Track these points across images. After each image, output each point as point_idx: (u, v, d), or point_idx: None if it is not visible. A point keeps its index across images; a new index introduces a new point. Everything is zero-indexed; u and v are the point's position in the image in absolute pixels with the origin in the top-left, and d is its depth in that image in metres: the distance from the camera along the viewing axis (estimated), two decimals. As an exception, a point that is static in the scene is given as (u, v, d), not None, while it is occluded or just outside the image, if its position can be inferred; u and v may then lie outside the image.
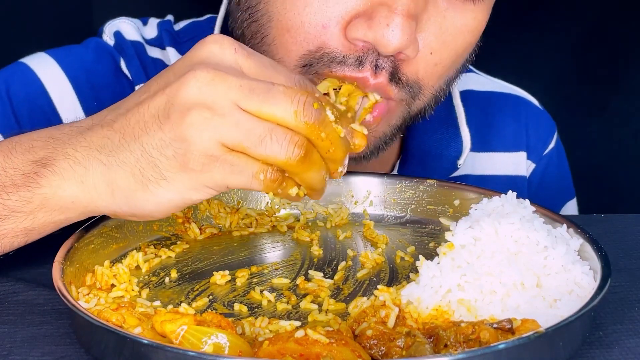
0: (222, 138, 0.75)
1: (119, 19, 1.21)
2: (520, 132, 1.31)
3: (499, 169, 1.28)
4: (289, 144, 0.75)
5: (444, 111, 1.20)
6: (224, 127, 0.74)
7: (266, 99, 0.75)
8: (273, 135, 0.75)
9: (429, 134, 1.19)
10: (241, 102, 0.75)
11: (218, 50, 0.78)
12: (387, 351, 0.72)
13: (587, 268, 0.80)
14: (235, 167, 0.76)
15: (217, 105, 0.74)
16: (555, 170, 1.36)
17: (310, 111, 0.76)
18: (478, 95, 1.30)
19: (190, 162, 0.76)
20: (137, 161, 0.77)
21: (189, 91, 0.75)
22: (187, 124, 0.75)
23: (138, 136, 0.77)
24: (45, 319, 0.82)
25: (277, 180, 0.77)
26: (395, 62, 0.94)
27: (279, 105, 0.75)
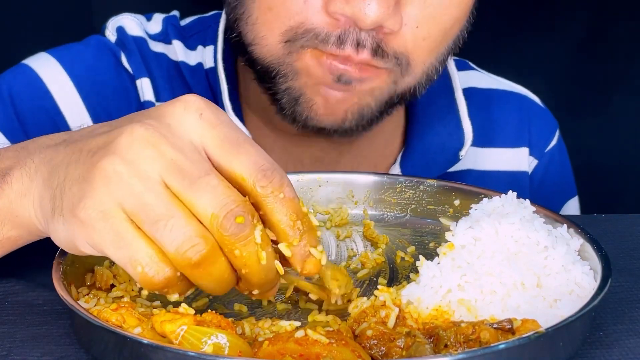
0: (122, 200, 0.67)
1: (122, 15, 1.22)
2: (523, 128, 1.32)
3: (501, 164, 1.29)
4: (185, 241, 0.66)
5: (445, 104, 1.21)
6: (130, 190, 0.67)
7: (190, 186, 0.67)
8: (172, 221, 0.66)
9: (431, 126, 1.20)
10: (165, 176, 0.67)
11: (180, 111, 0.71)
12: (387, 351, 0.71)
13: (588, 268, 0.80)
14: (120, 239, 0.67)
15: (137, 167, 0.68)
16: (557, 167, 1.37)
17: (229, 223, 0.67)
18: (481, 93, 1.30)
19: (80, 207, 0.68)
20: (56, 187, 0.72)
21: (120, 140, 0.69)
22: (98, 167, 0.68)
23: (69, 163, 0.72)
24: (45, 319, 0.81)
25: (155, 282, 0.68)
26: (377, 37, 0.95)
27: (200, 198, 0.67)
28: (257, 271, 0.70)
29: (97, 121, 1.16)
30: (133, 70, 1.17)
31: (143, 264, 0.67)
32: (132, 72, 1.17)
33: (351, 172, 1.09)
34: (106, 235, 0.68)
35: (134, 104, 1.17)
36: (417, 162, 1.19)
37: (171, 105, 0.71)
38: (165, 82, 1.17)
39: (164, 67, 1.18)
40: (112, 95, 1.17)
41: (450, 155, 1.20)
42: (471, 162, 1.26)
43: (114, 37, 1.20)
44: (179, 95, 1.18)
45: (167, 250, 0.67)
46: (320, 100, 1.00)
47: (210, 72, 1.17)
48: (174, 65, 1.19)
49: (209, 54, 1.18)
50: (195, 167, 0.68)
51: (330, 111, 1.01)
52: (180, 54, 1.19)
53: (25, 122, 1.14)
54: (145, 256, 0.67)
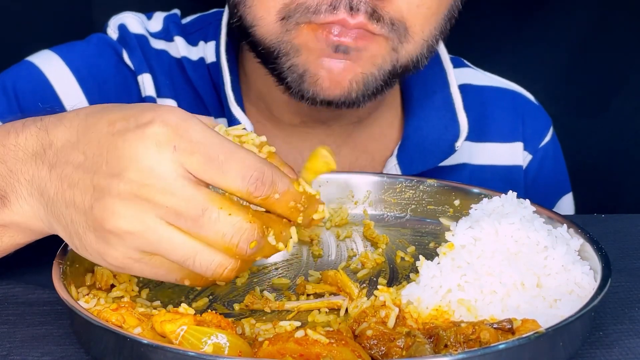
0: (141, 247, 0.71)
1: (124, 14, 1.23)
2: (517, 123, 1.33)
3: (496, 159, 1.29)
4: (217, 268, 0.72)
5: (441, 98, 1.22)
6: (142, 238, 0.70)
7: (195, 225, 0.70)
8: (198, 257, 0.71)
9: (427, 119, 1.21)
10: (169, 220, 0.70)
11: (154, 151, 0.69)
12: (387, 351, 0.71)
13: (587, 268, 0.80)
14: (157, 270, 0.74)
15: (138, 221, 0.70)
16: (551, 163, 1.37)
17: (245, 249, 0.71)
18: (475, 89, 1.31)
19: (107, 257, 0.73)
20: (68, 226, 0.74)
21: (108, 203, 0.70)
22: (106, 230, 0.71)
23: (67, 205, 0.74)
24: (45, 319, 0.81)
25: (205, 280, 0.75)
26: (372, 2, 0.97)
27: (209, 234, 0.70)
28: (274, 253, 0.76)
29: None
30: (134, 66, 1.18)
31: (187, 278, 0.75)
32: (134, 68, 1.18)
33: (351, 172, 1.09)
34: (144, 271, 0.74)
35: (136, 99, 1.18)
36: (414, 154, 1.20)
37: (142, 144, 0.70)
38: (166, 77, 1.18)
39: (165, 64, 1.20)
40: (114, 90, 1.18)
41: (446, 147, 1.21)
42: (466, 157, 1.27)
43: (115, 34, 1.21)
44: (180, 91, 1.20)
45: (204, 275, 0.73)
46: (324, 73, 1.01)
47: (212, 66, 1.19)
48: (175, 62, 1.20)
49: (211, 49, 1.19)
50: (189, 206, 0.69)
51: (336, 83, 1.02)
52: (182, 49, 1.20)
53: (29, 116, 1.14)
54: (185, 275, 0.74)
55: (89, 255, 0.75)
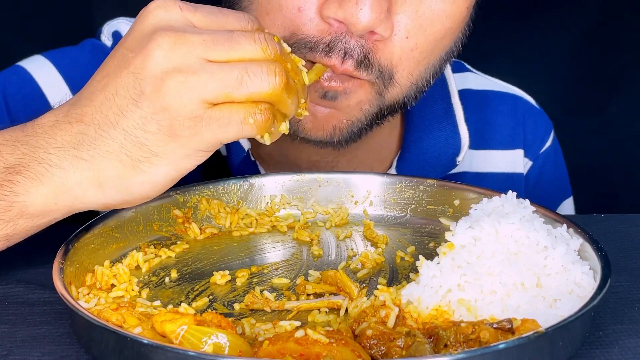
0: (202, 95, 0.75)
1: (118, 20, 1.22)
2: (518, 130, 1.32)
3: (497, 166, 1.29)
4: (269, 75, 0.76)
5: (441, 109, 1.21)
6: (200, 84, 0.75)
7: (231, 45, 0.76)
8: (250, 72, 0.76)
9: (427, 131, 1.20)
10: (209, 55, 0.76)
11: (165, 13, 0.78)
12: (387, 351, 0.72)
13: (587, 268, 0.80)
14: (222, 120, 0.76)
15: (187, 66, 0.75)
16: (552, 168, 1.37)
17: (274, 44, 0.78)
18: (476, 94, 1.30)
19: (177, 129, 0.76)
20: (122, 146, 0.77)
21: (155, 60, 0.75)
22: (164, 93, 0.75)
23: (116, 121, 0.77)
24: (45, 319, 0.82)
25: (268, 119, 0.78)
26: (366, 47, 0.96)
27: (245, 47, 0.76)
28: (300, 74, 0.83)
29: None
30: None
31: (250, 116, 0.77)
32: None
33: (351, 172, 1.09)
34: (212, 128, 0.76)
35: None
36: (413, 166, 1.19)
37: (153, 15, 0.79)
38: None
39: None
40: None
41: (447, 161, 1.20)
42: (467, 165, 1.26)
43: (109, 41, 1.20)
44: None
45: (266, 93, 0.77)
46: (308, 117, 1.00)
47: None
48: None
49: None
50: (217, 35, 0.77)
51: (319, 126, 1.01)
52: None
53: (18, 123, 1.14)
54: (246, 111, 0.77)
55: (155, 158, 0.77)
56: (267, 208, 1.03)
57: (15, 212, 0.80)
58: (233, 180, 1.03)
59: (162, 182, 0.79)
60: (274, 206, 1.03)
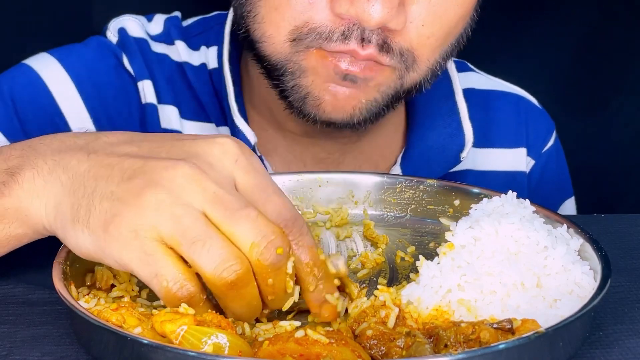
0: (158, 224, 0.70)
1: (124, 17, 1.22)
2: (520, 129, 1.32)
3: (500, 164, 1.29)
4: (223, 262, 0.70)
5: (446, 106, 1.21)
6: (169, 215, 0.70)
7: (231, 216, 0.71)
8: (210, 242, 0.70)
9: (432, 128, 1.20)
10: (206, 208, 0.71)
11: (219, 153, 0.74)
12: (387, 351, 0.72)
13: (587, 268, 0.80)
14: (148, 258, 0.71)
15: (179, 197, 0.71)
16: (554, 168, 1.37)
17: (269, 253, 0.71)
18: (478, 93, 1.31)
19: (112, 224, 0.71)
20: (82, 198, 0.74)
21: (164, 175, 0.72)
22: (138, 195, 0.71)
23: (97, 178, 0.75)
24: (45, 319, 0.81)
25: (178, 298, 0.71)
26: (383, 34, 0.97)
27: (241, 227, 0.71)
28: (282, 299, 0.75)
29: (97, 122, 1.16)
30: (135, 72, 1.17)
31: (168, 279, 0.71)
32: (134, 74, 1.17)
33: (351, 172, 1.09)
34: (134, 253, 0.71)
35: (135, 105, 1.17)
36: (417, 163, 1.19)
37: (208, 145, 0.75)
38: (167, 83, 1.17)
39: (166, 69, 1.18)
40: (112, 96, 1.17)
41: (451, 157, 1.20)
42: (470, 163, 1.26)
43: (115, 38, 1.20)
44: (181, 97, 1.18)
45: (204, 270, 0.70)
46: (328, 97, 1.01)
47: (214, 72, 1.17)
48: (177, 66, 1.19)
49: (213, 55, 1.18)
50: (235, 200, 0.72)
51: (339, 108, 1.02)
52: (183, 54, 1.19)
53: (25, 122, 1.14)
54: (171, 272, 0.71)
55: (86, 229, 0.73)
56: (267, 208, 1.03)
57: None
58: (233, 180, 1.03)
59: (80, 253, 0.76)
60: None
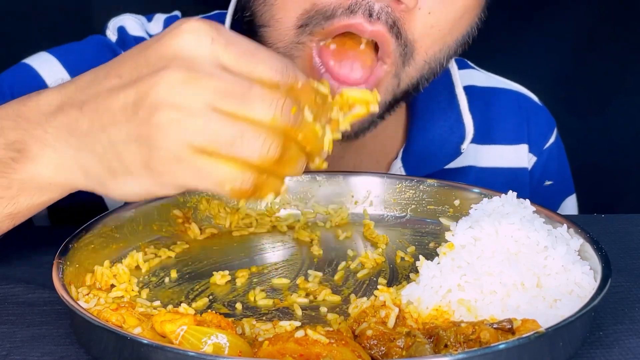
0: (189, 139, 0.71)
1: (124, 16, 1.22)
2: (522, 125, 1.32)
3: (502, 161, 1.29)
4: (263, 145, 0.72)
5: (446, 100, 1.21)
6: (192, 129, 0.71)
7: (242, 102, 0.72)
8: (245, 137, 0.71)
9: (432, 121, 1.20)
10: (216, 104, 0.71)
11: (194, 42, 0.73)
12: (387, 351, 0.72)
13: (587, 268, 0.80)
14: (201, 173, 0.72)
15: (188, 107, 0.71)
16: (555, 164, 1.37)
17: (287, 116, 0.73)
18: (480, 91, 1.31)
19: (154, 162, 0.73)
20: (105, 151, 0.75)
21: (159, 91, 0.72)
22: (154, 124, 0.72)
23: (105, 127, 0.75)
24: (45, 319, 0.82)
25: (245, 191, 0.73)
26: (394, 15, 0.95)
27: (256, 109, 0.72)
28: (318, 145, 0.77)
29: None
30: None
31: (230, 181, 0.73)
32: None
33: (351, 172, 1.09)
34: (186, 174, 0.73)
35: None
36: (419, 157, 1.19)
37: (179, 39, 0.74)
38: None
39: None
40: None
41: (452, 150, 1.20)
42: (472, 159, 1.26)
43: (115, 37, 1.20)
44: None
45: (252, 161, 0.72)
46: None
47: None
48: None
49: None
50: (235, 85, 0.72)
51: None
52: None
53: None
54: (227, 174, 0.72)
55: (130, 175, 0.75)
56: (267, 208, 1.03)
57: (16, 189, 0.80)
58: (233, 180, 1.03)
59: (134, 196, 0.77)
60: (274, 206, 1.03)
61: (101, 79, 0.78)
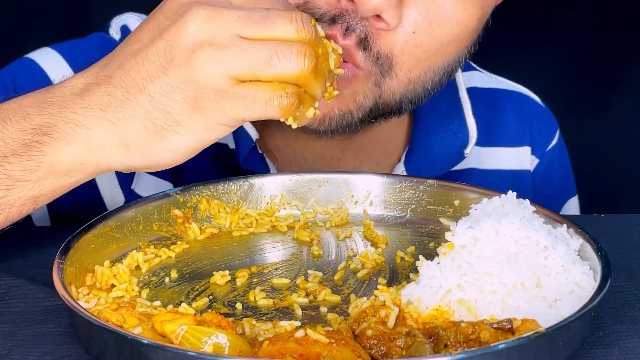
0: (229, 70, 0.75)
1: (126, 14, 1.22)
2: (524, 127, 1.32)
3: (504, 163, 1.29)
4: (298, 57, 0.76)
5: (449, 103, 1.21)
6: (229, 59, 0.75)
7: (266, 24, 0.76)
8: (279, 53, 0.76)
9: (435, 125, 1.20)
10: (242, 32, 0.76)
11: None
12: (387, 351, 0.72)
13: (587, 268, 0.80)
14: (247, 99, 0.76)
15: (219, 40, 0.75)
16: (558, 166, 1.37)
17: (309, 27, 0.78)
18: (482, 92, 1.31)
19: (201, 101, 0.76)
20: (147, 112, 0.78)
21: (189, 31, 0.76)
22: (193, 63, 0.76)
23: (143, 87, 0.78)
24: (46, 319, 0.82)
25: (292, 104, 0.78)
26: (367, 29, 0.96)
27: (280, 27, 0.77)
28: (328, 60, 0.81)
29: None
30: None
31: (274, 98, 0.77)
32: None
33: (351, 172, 1.09)
34: (235, 104, 0.77)
35: None
36: (422, 161, 1.19)
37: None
38: None
39: None
40: None
41: (455, 154, 1.20)
42: (474, 161, 1.26)
43: (117, 35, 1.20)
44: None
45: (291, 76, 0.77)
46: None
47: None
48: None
49: None
50: (255, 13, 0.77)
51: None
52: None
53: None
54: (272, 92, 0.77)
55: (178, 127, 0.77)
56: (267, 208, 1.03)
57: (43, 172, 0.80)
58: (233, 180, 1.03)
59: (184, 151, 0.80)
60: (274, 206, 1.03)
61: (121, 51, 0.81)
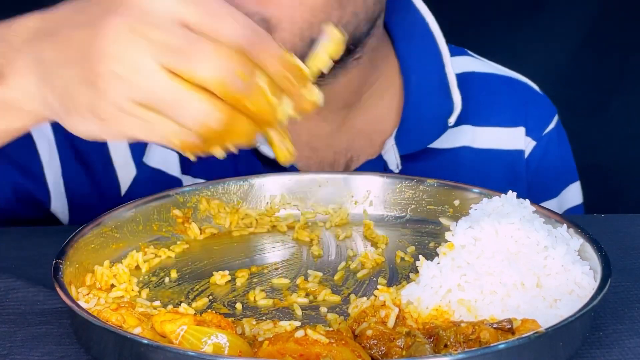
0: (131, 95, 0.69)
1: None
2: (519, 109, 1.33)
3: (498, 143, 1.30)
4: (205, 113, 0.69)
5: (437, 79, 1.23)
6: (133, 86, 0.69)
7: (187, 59, 0.68)
8: (186, 102, 0.69)
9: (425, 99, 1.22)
10: (162, 61, 0.68)
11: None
12: (387, 351, 0.72)
13: (587, 268, 0.80)
14: (145, 125, 0.70)
15: (130, 61, 0.69)
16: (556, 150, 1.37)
17: (232, 81, 0.69)
18: (479, 76, 1.32)
19: (97, 109, 0.71)
20: (60, 88, 0.74)
21: (103, 41, 0.70)
22: (98, 74, 0.70)
23: (63, 63, 0.74)
24: (45, 319, 0.82)
25: (194, 145, 0.71)
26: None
27: (200, 69, 0.69)
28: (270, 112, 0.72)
29: None
30: None
31: (176, 135, 0.70)
32: None
33: (351, 172, 1.09)
34: (133, 126, 0.71)
35: None
36: (411, 134, 1.21)
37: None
38: None
39: None
40: None
41: (441, 125, 1.21)
42: (468, 140, 1.27)
43: None
44: None
45: (192, 127, 0.70)
46: None
47: None
48: None
49: None
50: (183, 40, 0.69)
51: None
52: None
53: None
54: (173, 128, 0.70)
55: (80, 116, 0.73)
56: (267, 208, 1.03)
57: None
58: (233, 180, 1.03)
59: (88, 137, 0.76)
60: (274, 206, 1.03)
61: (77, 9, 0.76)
